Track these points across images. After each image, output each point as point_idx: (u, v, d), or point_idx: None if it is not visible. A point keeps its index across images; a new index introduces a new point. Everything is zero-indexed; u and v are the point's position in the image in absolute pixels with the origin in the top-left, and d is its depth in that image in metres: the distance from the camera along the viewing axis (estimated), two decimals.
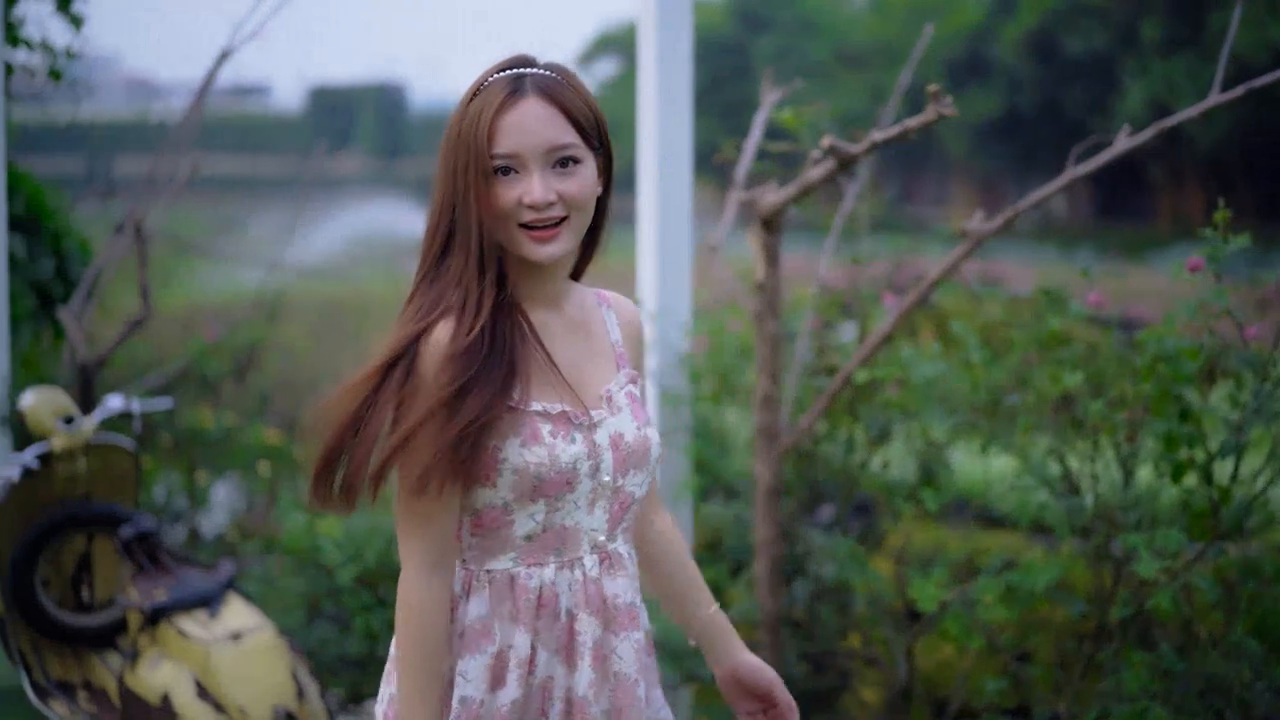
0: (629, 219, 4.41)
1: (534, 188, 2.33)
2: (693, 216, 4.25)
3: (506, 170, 2.35)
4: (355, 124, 43.24)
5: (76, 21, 8.93)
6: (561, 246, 2.37)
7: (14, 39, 9.24)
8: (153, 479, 7.70)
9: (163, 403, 5.63)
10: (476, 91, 2.40)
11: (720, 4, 39.79)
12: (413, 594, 2.34)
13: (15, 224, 9.61)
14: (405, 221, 31.65)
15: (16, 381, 7.75)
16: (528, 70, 2.40)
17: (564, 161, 2.36)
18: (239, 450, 7.89)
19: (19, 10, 9.12)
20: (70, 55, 9.14)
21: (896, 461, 4.34)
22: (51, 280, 9.70)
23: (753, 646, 4.14)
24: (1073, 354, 3.70)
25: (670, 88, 4.18)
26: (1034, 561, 3.70)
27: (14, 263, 9.26)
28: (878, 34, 36.76)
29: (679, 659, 4.07)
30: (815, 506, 4.39)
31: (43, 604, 5.30)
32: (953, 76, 32.61)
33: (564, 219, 2.37)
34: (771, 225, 3.94)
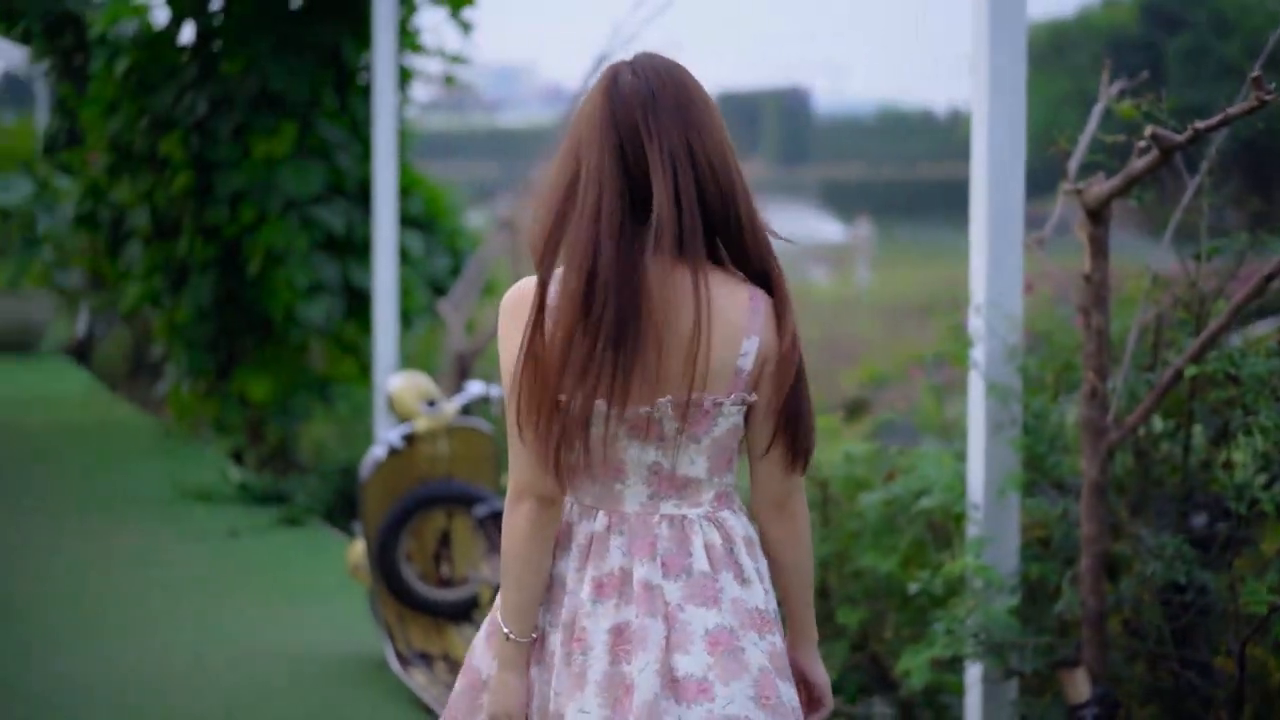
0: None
1: None
2: (1024, 208, 4.21)
3: None
4: (760, 130, 43.66)
5: (466, 27, 9.37)
6: None
7: (413, 46, 9.75)
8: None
9: None
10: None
11: (1129, 2, 38.68)
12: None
13: (413, 223, 10.14)
14: (808, 228, 31.86)
15: (408, 369, 8.15)
16: None
17: None
18: None
19: (415, 20, 9.62)
20: (459, 60, 9.60)
21: (1244, 461, 4.19)
22: (446, 276, 10.20)
23: (1073, 644, 4.08)
24: None
25: (1002, 75, 4.15)
26: None
27: (410, 259, 9.77)
28: None
29: (999, 652, 4.04)
30: (1145, 505, 4.27)
31: (405, 577, 5.59)
32: None
33: None
34: (1098, 217, 3.87)
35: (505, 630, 2.66)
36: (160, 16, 10.01)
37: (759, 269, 2.65)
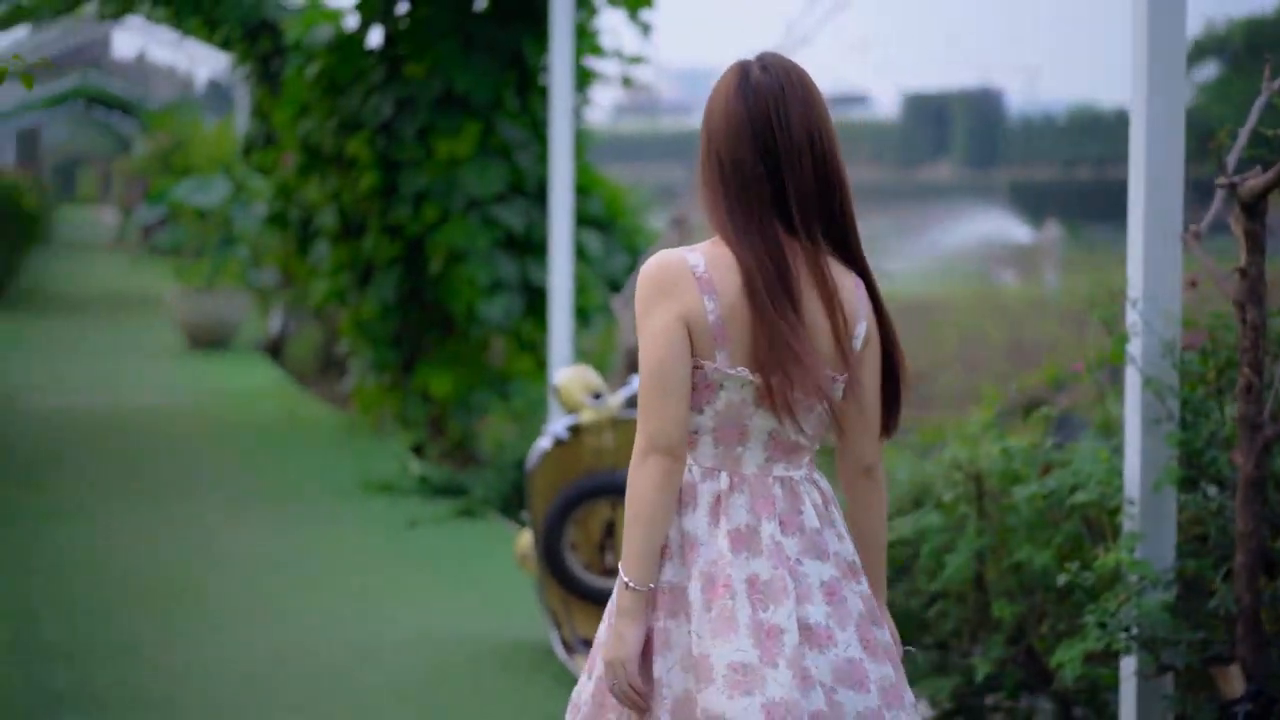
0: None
1: None
2: (1184, 202, 4.19)
3: None
4: (949, 132, 43.21)
5: (645, 29, 9.49)
6: None
7: (593, 49, 9.91)
8: None
9: None
10: None
11: None
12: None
13: (592, 223, 10.29)
14: (997, 230, 31.49)
15: (580, 364, 8.24)
16: None
17: None
18: None
19: (595, 22, 9.76)
20: (637, 61, 9.72)
21: None
22: (623, 275, 10.33)
23: (1227, 640, 4.04)
24: None
25: (1160, 72, 4.14)
26: None
27: (588, 258, 9.92)
28: None
29: (1152, 647, 4.02)
30: None
31: (570, 566, 5.70)
32: None
33: None
34: (1253, 211, 3.85)
35: (625, 579, 2.83)
36: (350, 21, 10.31)
37: (857, 256, 2.94)
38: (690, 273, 2.82)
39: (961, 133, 42.66)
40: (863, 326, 2.91)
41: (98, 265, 25.90)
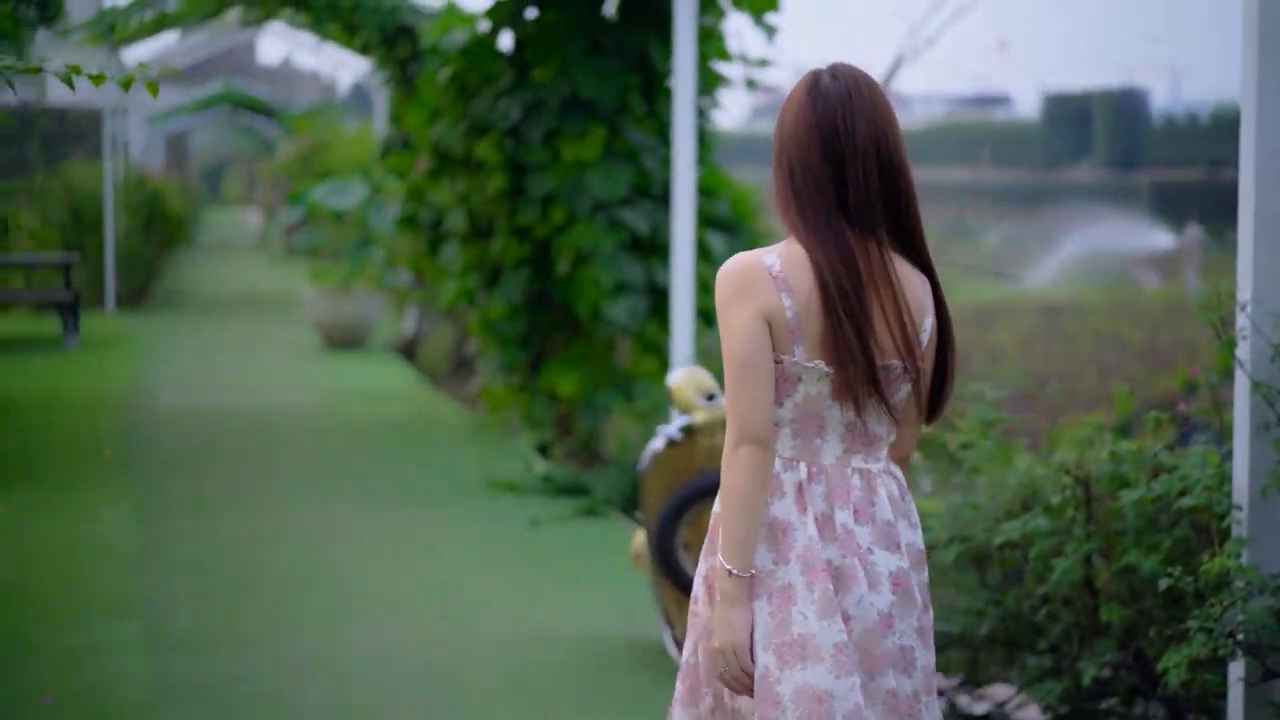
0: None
1: None
2: None
3: None
4: (1091, 133, 42.55)
5: (770, 31, 9.51)
6: None
7: (721, 53, 9.94)
8: None
9: None
10: None
11: None
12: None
13: (718, 225, 10.32)
14: (1137, 233, 30.98)
15: (700, 366, 8.27)
16: None
17: None
18: None
19: (721, 26, 9.80)
20: (762, 64, 9.74)
21: None
22: None
23: None
24: None
25: (1270, 72, 4.09)
26: None
27: (712, 260, 9.96)
28: None
29: (1258, 653, 3.99)
30: None
31: (682, 566, 5.74)
32: None
33: None
34: None
35: (728, 567, 2.98)
36: (482, 26, 10.44)
37: (922, 254, 3.10)
38: (767, 272, 2.98)
39: (1103, 133, 41.99)
40: (929, 321, 3.09)
41: (240, 266, 26.40)
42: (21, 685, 5.85)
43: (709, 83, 10.04)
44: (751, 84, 9.98)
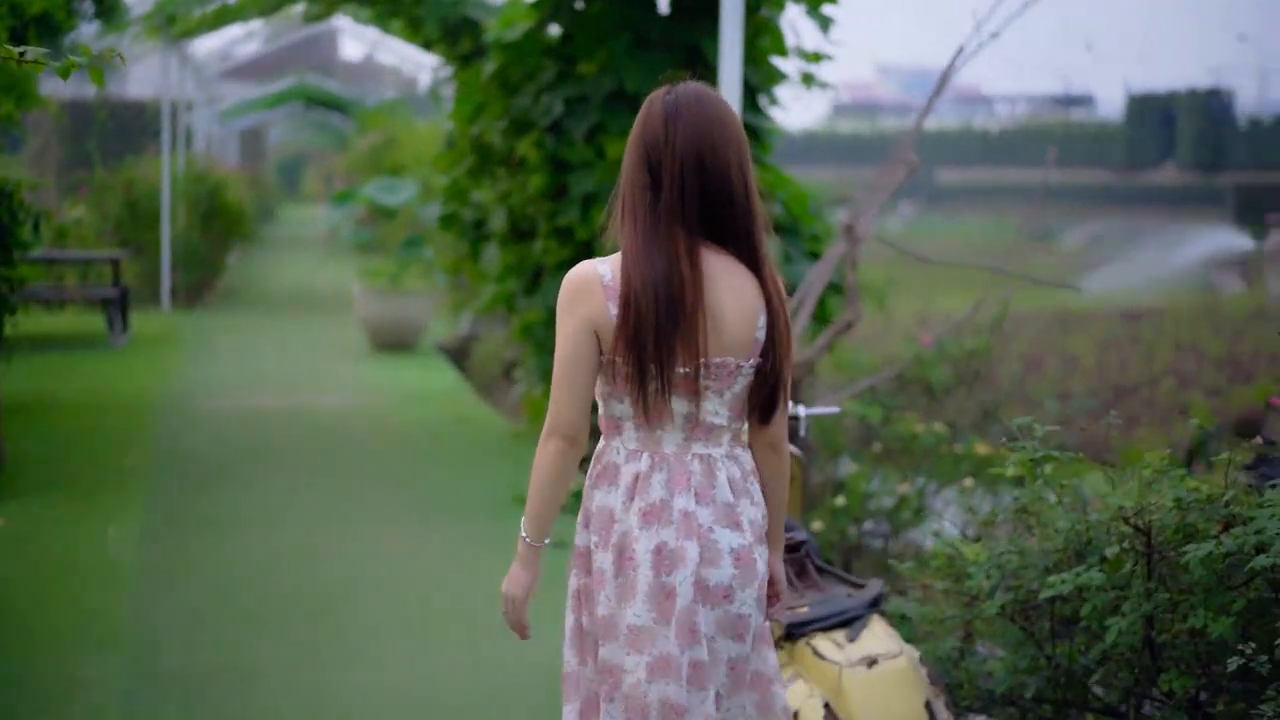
0: None
1: None
2: None
3: None
4: (1175, 135, 41.64)
5: (825, 23, 8.96)
6: None
7: (778, 48, 9.39)
8: (858, 484, 7.59)
9: (829, 409, 5.46)
10: None
11: None
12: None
13: (775, 226, 9.77)
14: (1219, 237, 30.19)
15: None
16: None
17: None
18: (946, 460, 7.62)
19: (780, 19, 9.26)
20: (816, 58, 9.19)
21: None
22: (801, 280, 9.81)
23: None
24: None
25: None
26: None
27: None
28: None
29: None
30: None
31: None
32: None
33: None
34: None
35: (523, 535, 3.34)
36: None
37: (757, 257, 3.25)
38: (599, 282, 3.23)
39: (1188, 134, 41.09)
40: (763, 318, 3.26)
41: (306, 262, 26.08)
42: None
43: (766, 79, 9.48)
44: (808, 79, 9.41)
